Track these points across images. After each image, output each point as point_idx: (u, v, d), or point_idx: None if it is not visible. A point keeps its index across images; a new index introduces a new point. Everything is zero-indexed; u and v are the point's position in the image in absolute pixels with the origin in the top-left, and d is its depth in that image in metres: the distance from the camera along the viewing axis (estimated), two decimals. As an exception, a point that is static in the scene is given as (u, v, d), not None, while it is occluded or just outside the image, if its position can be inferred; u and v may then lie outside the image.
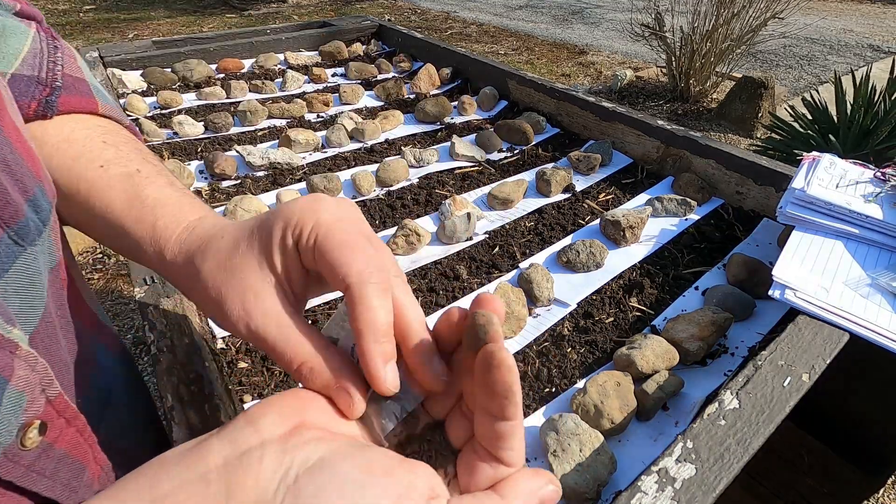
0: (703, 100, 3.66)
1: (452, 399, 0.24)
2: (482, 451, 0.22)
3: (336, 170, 0.82)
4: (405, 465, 0.21)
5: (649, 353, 0.46)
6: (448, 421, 0.24)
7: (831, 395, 0.55)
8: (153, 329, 0.44)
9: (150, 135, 0.87)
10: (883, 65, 3.99)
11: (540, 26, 5.75)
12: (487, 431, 0.21)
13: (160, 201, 0.31)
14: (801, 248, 0.55)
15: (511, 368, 0.19)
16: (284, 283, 0.26)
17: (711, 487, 0.33)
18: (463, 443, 0.24)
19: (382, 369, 0.23)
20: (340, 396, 0.23)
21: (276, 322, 0.25)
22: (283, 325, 0.25)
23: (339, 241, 0.24)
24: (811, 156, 0.65)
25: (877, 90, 2.13)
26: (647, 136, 0.81)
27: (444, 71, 1.15)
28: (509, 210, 0.73)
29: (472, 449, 0.22)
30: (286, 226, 0.25)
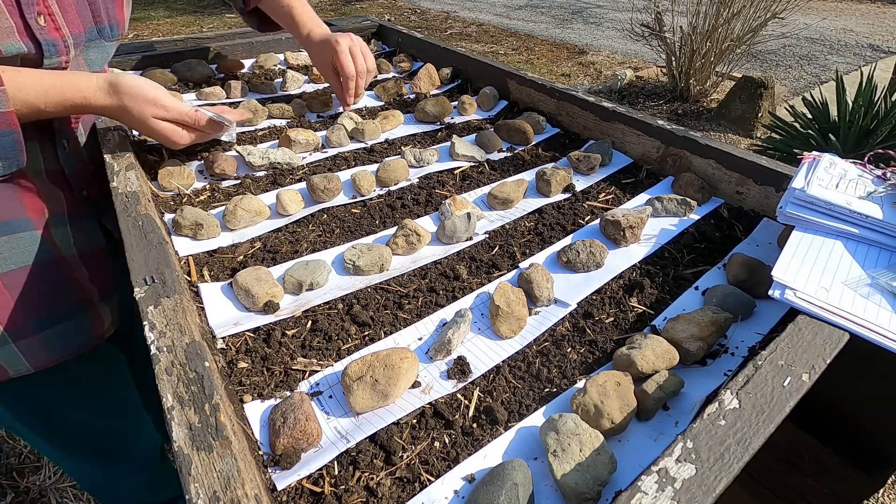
0: (703, 100, 3.66)
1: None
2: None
3: (336, 170, 0.82)
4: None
5: (649, 353, 0.46)
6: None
7: (831, 395, 0.55)
8: (153, 329, 0.44)
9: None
10: (883, 64, 4.00)
11: (540, 26, 5.74)
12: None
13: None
14: (801, 248, 0.55)
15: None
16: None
17: (711, 487, 0.33)
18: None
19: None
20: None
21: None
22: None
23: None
24: (811, 156, 0.65)
25: (877, 90, 2.13)
26: (647, 136, 0.81)
27: (444, 71, 1.15)
28: (509, 210, 0.73)
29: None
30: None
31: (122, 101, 0.66)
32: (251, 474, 0.34)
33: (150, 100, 0.68)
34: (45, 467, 1.41)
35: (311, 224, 0.70)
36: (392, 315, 0.55)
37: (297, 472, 0.40)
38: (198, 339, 0.43)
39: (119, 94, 0.66)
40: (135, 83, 0.67)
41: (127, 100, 0.66)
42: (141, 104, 0.67)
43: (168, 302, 0.47)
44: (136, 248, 0.53)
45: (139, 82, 0.68)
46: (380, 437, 0.43)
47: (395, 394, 0.45)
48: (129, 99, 0.67)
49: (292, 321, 0.54)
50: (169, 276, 0.50)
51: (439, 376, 0.48)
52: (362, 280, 0.60)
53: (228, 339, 0.51)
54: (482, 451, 0.42)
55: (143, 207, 0.59)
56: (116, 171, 0.66)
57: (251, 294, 0.54)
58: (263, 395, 0.46)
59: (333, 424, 0.44)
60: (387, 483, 0.40)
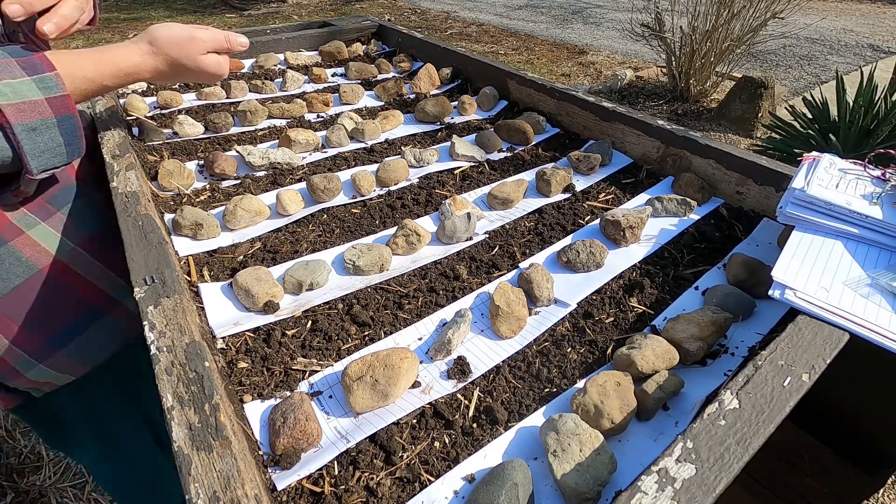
0: (703, 100, 3.66)
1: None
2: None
3: (336, 170, 0.82)
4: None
5: (649, 353, 0.46)
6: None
7: (831, 395, 0.55)
8: (153, 329, 0.44)
9: (150, 135, 0.87)
10: (883, 64, 4.00)
11: (540, 26, 5.74)
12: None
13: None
14: (801, 248, 0.55)
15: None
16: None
17: (711, 487, 0.33)
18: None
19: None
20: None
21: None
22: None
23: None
24: (811, 156, 0.65)
25: (877, 90, 2.13)
26: (648, 136, 0.81)
27: (444, 71, 1.15)
28: (509, 210, 0.73)
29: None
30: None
31: (170, 55, 0.67)
32: (251, 474, 0.34)
33: (188, 39, 0.68)
34: (45, 467, 1.41)
35: (311, 224, 0.70)
36: (392, 315, 0.55)
37: (297, 472, 0.40)
38: (198, 339, 0.43)
39: (163, 50, 0.67)
40: (167, 33, 0.67)
41: (174, 51, 0.67)
42: (186, 49, 0.67)
43: (168, 302, 0.47)
44: (136, 248, 0.53)
45: (170, 31, 0.68)
46: (380, 437, 0.43)
47: (395, 394, 0.45)
48: (174, 49, 0.67)
49: (292, 321, 0.54)
50: (169, 276, 0.50)
51: (439, 376, 0.48)
52: (362, 280, 0.59)
53: (228, 339, 0.51)
54: (482, 451, 0.42)
55: (143, 207, 0.59)
56: (116, 171, 0.66)
57: (251, 294, 0.54)
58: (263, 395, 0.46)
59: (333, 424, 0.44)
60: (387, 483, 0.40)
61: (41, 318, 0.61)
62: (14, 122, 0.51)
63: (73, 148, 0.57)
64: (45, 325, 0.62)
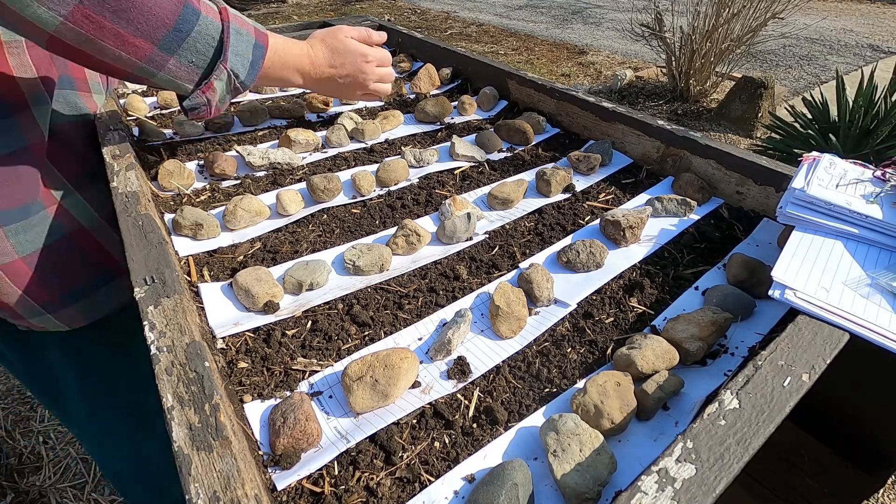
0: (703, 100, 3.66)
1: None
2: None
3: (336, 170, 0.82)
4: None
5: (649, 353, 0.46)
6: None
7: (831, 395, 0.55)
8: (153, 329, 0.44)
9: (150, 135, 0.87)
10: (883, 64, 4.00)
11: (540, 26, 5.75)
12: None
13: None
14: (801, 248, 0.55)
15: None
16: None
17: (711, 487, 0.33)
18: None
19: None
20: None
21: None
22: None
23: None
24: (811, 156, 0.65)
25: (877, 90, 2.13)
26: (647, 137, 0.81)
27: (444, 71, 1.15)
28: (509, 210, 0.73)
29: None
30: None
31: (324, 39, 0.78)
32: (251, 474, 0.34)
33: (335, 29, 0.79)
34: (45, 468, 1.41)
35: (311, 224, 0.70)
36: (392, 315, 0.55)
37: (297, 472, 0.40)
38: (198, 339, 0.43)
39: (317, 38, 0.77)
40: (345, 46, 0.78)
41: (325, 36, 0.78)
42: (333, 34, 0.79)
43: (168, 302, 0.47)
44: (136, 248, 0.53)
45: (346, 44, 0.78)
46: (380, 437, 0.43)
47: (395, 394, 0.45)
48: (324, 35, 0.78)
49: (292, 321, 0.54)
50: (169, 276, 0.50)
51: (439, 376, 0.48)
52: (362, 280, 0.60)
53: (228, 339, 0.51)
54: (482, 451, 0.42)
55: (143, 207, 0.59)
56: (116, 171, 0.66)
57: (251, 294, 0.54)
58: (263, 395, 0.46)
59: (333, 424, 0.44)
60: (387, 483, 0.40)
61: (59, 276, 0.67)
62: (231, 22, 0.61)
63: (252, 73, 0.65)
64: (61, 282, 0.68)
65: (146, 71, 0.57)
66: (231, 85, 0.63)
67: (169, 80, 0.59)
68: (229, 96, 0.65)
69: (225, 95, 0.64)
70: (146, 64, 0.56)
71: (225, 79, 0.62)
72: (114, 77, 0.59)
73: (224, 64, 0.61)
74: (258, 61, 0.66)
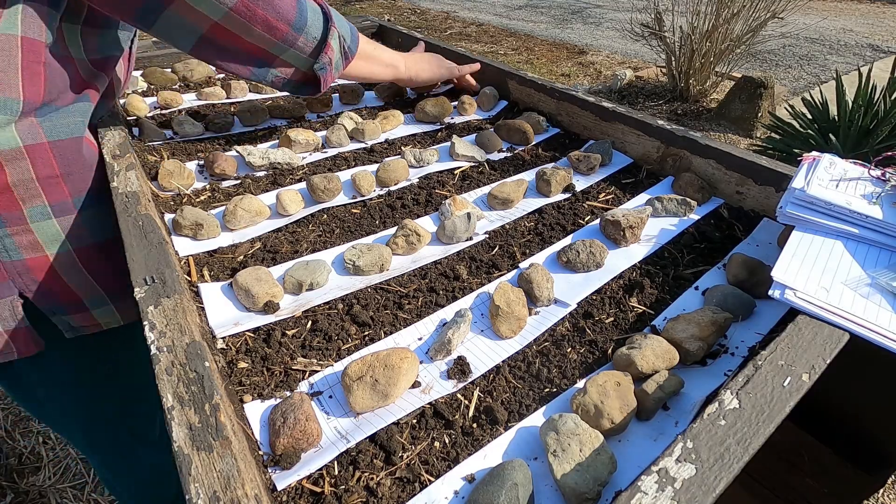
0: (702, 100, 3.66)
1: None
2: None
3: (336, 170, 0.82)
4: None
5: (649, 353, 0.46)
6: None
7: (831, 395, 0.55)
8: (153, 329, 0.44)
9: (150, 135, 0.87)
10: (882, 64, 4.00)
11: (540, 26, 5.75)
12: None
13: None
14: (801, 248, 0.55)
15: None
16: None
17: (711, 487, 0.33)
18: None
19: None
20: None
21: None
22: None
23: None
24: (811, 155, 0.65)
25: (877, 90, 2.13)
26: (647, 136, 0.81)
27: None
28: (509, 210, 0.73)
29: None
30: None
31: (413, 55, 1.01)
32: (251, 474, 0.34)
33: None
34: (45, 468, 1.41)
35: (311, 224, 0.70)
36: (392, 315, 0.55)
37: (297, 472, 0.40)
38: (198, 339, 0.43)
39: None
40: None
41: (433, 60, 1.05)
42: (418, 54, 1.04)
43: (168, 302, 0.47)
44: (136, 248, 0.53)
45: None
46: (380, 437, 0.43)
47: (395, 394, 0.45)
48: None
49: (292, 321, 0.54)
50: (169, 276, 0.50)
51: (439, 376, 0.48)
52: (362, 280, 0.60)
53: (228, 339, 0.51)
54: (482, 451, 0.42)
55: (143, 207, 0.59)
56: (116, 171, 0.66)
57: (251, 294, 0.54)
58: (263, 395, 0.46)
59: (333, 424, 0.44)
60: (387, 483, 0.40)
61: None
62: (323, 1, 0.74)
63: (354, 39, 0.80)
64: (93, 287, 0.69)
65: (279, 48, 0.69)
66: (342, 48, 0.76)
67: (295, 55, 0.71)
68: (342, 61, 0.77)
69: (339, 60, 0.76)
70: (282, 41, 0.68)
71: (338, 38, 0.74)
72: (238, 71, 0.70)
73: (333, 26, 0.72)
74: (355, 32, 0.80)
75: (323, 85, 0.76)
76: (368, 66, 0.88)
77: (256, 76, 0.71)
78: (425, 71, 1.00)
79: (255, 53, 0.68)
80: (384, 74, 0.93)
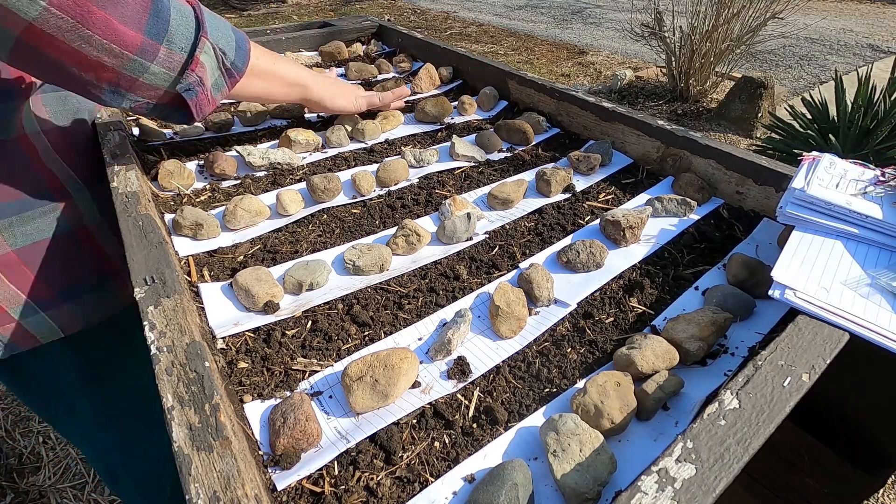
0: (702, 100, 3.66)
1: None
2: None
3: (336, 170, 0.82)
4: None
5: (649, 353, 0.46)
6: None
7: (831, 395, 0.55)
8: (153, 329, 0.44)
9: (150, 135, 0.87)
10: (882, 64, 4.00)
11: (540, 26, 5.75)
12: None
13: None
14: (801, 248, 0.55)
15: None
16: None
17: (711, 487, 0.33)
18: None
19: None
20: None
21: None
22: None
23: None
24: (811, 156, 0.65)
25: (877, 90, 2.13)
26: (647, 137, 0.81)
27: (444, 71, 1.15)
28: (509, 210, 0.73)
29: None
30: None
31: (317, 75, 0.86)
32: (251, 474, 0.34)
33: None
34: (45, 468, 1.41)
35: (311, 224, 0.70)
36: (392, 315, 0.55)
37: (297, 472, 0.40)
38: (198, 339, 0.43)
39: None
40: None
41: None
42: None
43: (168, 302, 0.47)
44: (136, 248, 0.53)
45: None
46: (380, 437, 0.43)
47: (395, 394, 0.45)
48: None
49: (292, 321, 0.54)
50: (169, 276, 0.50)
51: (439, 376, 0.48)
52: (362, 280, 0.60)
53: (228, 339, 0.51)
54: (482, 451, 0.42)
55: (143, 207, 0.59)
56: (116, 171, 0.66)
57: (251, 294, 0.54)
58: (263, 395, 0.46)
59: (333, 424, 0.44)
60: (387, 483, 0.40)
61: (57, 272, 0.67)
62: (199, 5, 0.58)
63: (241, 55, 0.63)
64: (60, 278, 0.67)
65: (138, 65, 0.52)
66: (222, 64, 0.60)
67: (162, 73, 0.54)
68: (224, 81, 0.62)
69: (219, 79, 0.60)
70: (139, 55, 0.51)
71: (213, 52, 0.58)
72: (87, 93, 0.54)
73: (204, 36, 0.56)
74: (243, 43, 0.63)
75: (196, 111, 0.60)
76: (266, 86, 0.74)
77: (108, 101, 0.55)
78: (342, 98, 0.88)
79: (100, 72, 0.51)
80: (288, 95, 0.79)
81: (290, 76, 0.77)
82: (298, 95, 0.82)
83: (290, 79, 0.78)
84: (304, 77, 0.80)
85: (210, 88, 0.60)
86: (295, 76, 0.78)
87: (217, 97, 0.62)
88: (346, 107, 0.89)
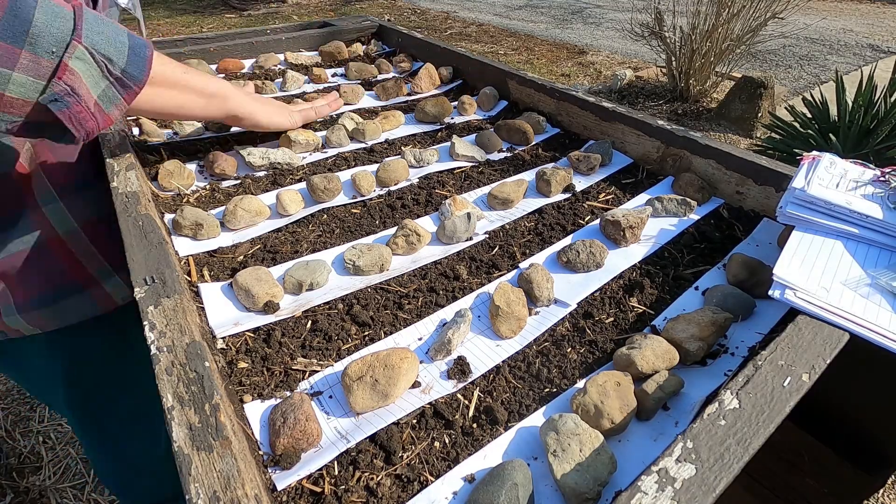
0: (703, 100, 3.66)
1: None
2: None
3: (336, 170, 0.82)
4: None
5: (649, 353, 0.46)
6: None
7: (831, 395, 0.55)
8: (153, 329, 0.44)
9: (150, 135, 0.87)
10: (883, 64, 4.00)
11: (540, 26, 5.74)
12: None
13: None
14: (802, 248, 0.55)
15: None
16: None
17: (711, 487, 0.33)
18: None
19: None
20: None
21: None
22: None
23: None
24: (811, 155, 0.65)
25: (877, 90, 2.13)
26: (647, 137, 0.81)
27: (444, 71, 1.15)
28: (509, 210, 0.73)
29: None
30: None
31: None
32: (251, 474, 0.34)
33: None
34: (45, 467, 1.41)
35: (311, 224, 0.70)
36: (392, 315, 0.55)
37: (297, 472, 0.40)
38: (198, 339, 0.43)
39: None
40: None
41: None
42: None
43: (168, 302, 0.47)
44: (136, 248, 0.53)
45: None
46: (380, 437, 0.43)
47: (395, 394, 0.45)
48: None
49: (292, 321, 0.54)
50: (169, 276, 0.50)
51: (439, 376, 0.48)
52: (362, 280, 0.60)
53: (228, 339, 0.51)
54: (482, 451, 0.42)
55: (143, 207, 0.59)
56: (116, 171, 0.66)
57: (251, 294, 0.54)
58: (263, 395, 0.46)
59: (333, 424, 0.44)
60: (387, 483, 0.40)
61: (32, 281, 0.68)
62: (84, 8, 0.49)
63: (137, 61, 0.53)
64: (34, 286, 0.69)
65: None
66: (107, 72, 0.51)
67: (30, 81, 0.45)
68: (118, 93, 0.53)
69: (107, 89, 0.52)
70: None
71: (87, 58, 0.49)
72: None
73: (77, 39, 0.48)
74: (141, 50, 0.54)
75: (74, 126, 0.50)
76: (177, 96, 0.64)
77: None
78: (278, 115, 0.82)
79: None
80: (206, 108, 0.70)
81: (205, 86, 0.68)
82: (219, 109, 0.72)
83: (206, 89, 0.68)
84: (221, 88, 0.71)
85: (96, 100, 0.51)
86: (210, 87, 0.69)
87: (112, 110, 0.53)
88: (283, 123, 0.83)
